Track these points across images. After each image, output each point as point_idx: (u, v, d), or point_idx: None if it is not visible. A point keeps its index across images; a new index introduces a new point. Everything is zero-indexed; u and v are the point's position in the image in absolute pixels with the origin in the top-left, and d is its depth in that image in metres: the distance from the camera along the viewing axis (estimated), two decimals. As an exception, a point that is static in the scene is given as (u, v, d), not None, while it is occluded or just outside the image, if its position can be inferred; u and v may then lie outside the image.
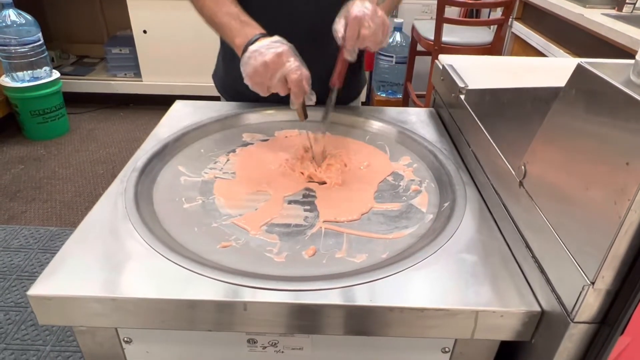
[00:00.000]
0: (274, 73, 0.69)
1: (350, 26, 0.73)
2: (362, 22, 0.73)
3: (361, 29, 0.73)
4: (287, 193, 0.71)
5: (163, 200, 0.68)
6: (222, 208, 0.67)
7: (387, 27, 0.77)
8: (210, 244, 0.59)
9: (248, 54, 0.71)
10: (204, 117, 0.90)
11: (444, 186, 0.72)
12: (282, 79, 0.70)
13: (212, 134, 0.87)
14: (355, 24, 0.73)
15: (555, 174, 0.50)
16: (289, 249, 0.59)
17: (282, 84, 0.71)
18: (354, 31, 0.73)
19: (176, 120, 0.89)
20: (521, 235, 0.56)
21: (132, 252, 0.56)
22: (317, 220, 0.65)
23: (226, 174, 0.75)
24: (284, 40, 0.72)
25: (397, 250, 0.59)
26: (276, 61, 0.69)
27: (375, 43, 0.76)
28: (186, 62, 2.76)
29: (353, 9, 0.73)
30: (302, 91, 0.71)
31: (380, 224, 0.65)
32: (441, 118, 0.95)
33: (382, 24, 0.75)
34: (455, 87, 0.86)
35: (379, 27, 0.75)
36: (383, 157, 0.82)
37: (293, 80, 0.69)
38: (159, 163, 0.76)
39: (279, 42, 0.71)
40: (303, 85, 0.71)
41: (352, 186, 0.73)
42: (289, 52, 0.70)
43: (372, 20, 0.73)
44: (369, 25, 0.73)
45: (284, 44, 0.71)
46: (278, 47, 0.70)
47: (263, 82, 0.71)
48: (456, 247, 0.58)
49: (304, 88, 0.71)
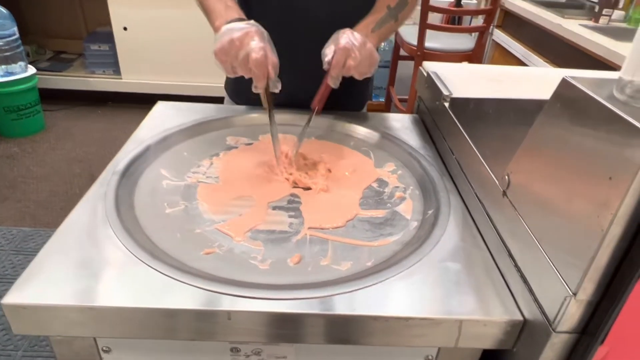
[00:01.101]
0: (237, 51, 0.68)
1: (337, 55, 0.73)
2: (349, 52, 0.73)
3: (347, 59, 0.74)
4: (271, 199, 0.70)
5: (145, 204, 0.66)
6: (206, 213, 0.66)
7: (375, 59, 0.78)
8: (193, 250, 0.58)
9: (220, 33, 0.70)
10: (187, 119, 0.89)
11: (428, 193, 0.73)
12: (245, 58, 0.69)
13: (195, 137, 0.86)
14: (342, 54, 0.73)
15: (539, 185, 0.51)
16: (273, 256, 0.58)
17: (245, 64, 0.69)
18: (341, 60, 0.74)
19: (158, 121, 0.87)
20: (504, 245, 0.56)
21: (111, 258, 0.54)
22: (302, 226, 0.64)
23: (210, 179, 0.74)
24: (258, 25, 0.72)
25: (382, 258, 0.59)
26: (241, 39, 0.68)
27: (361, 74, 0.77)
28: (167, 61, 2.72)
29: (342, 38, 0.74)
30: (264, 74, 0.69)
31: (365, 231, 0.64)
32: (425, 125, 0.96)
33: (369, 56, 0.75)
34: (439, 94, 0.87)
35: (366, 59, 0.75)
36: (368, 163, 0.82)
37: (253, 60, 0.67)
38: (141, 166, 0.74)
39: (251, 24, 0.71)
40: (265, 68, 0.69)
41: (337, 192, 0.73)
42: (257, 32, 0.70)
43: (359, 52, 0.73)
44: (356, 56, 0.73)
45: (256, 27, 0.71)
46: (247, 28, 0.70)
47: (227, 60, 0.70)
48: (440, 255, 0.59)
49: (265, 71, 0.69)
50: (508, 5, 2.50)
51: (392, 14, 0.85)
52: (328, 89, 0.79)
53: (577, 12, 2.30)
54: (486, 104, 0.80)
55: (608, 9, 2.13)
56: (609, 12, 2.13)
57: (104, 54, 2.81)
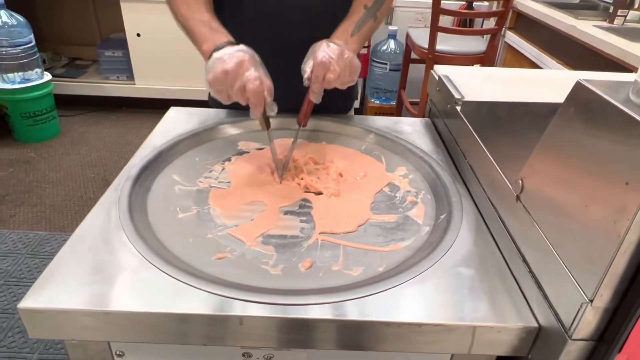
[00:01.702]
0: (233, 82, 0.69)
1: (315, 70, 0.73)
2: (327, 66, 0.72)
3: (326, 74, 0.73)
4: (283, 203, 0.70)
5: (157, 209, 0.67)
6: (218, 218, 0.66)
7: (355, 67, 0.77)
8: (205, 255, 0.59)
9: (211, 61, 0.70)
10: (199, 124, 0.89)
11: (440, 198, 0.72)
12: (241, 88, 0.69)
13: (207, 142, 0.86)
14: (321, 69, 0.73)
15: (554, 190, 0.50)
16: (285, 261, 0.58)
17: (241, 93, 0.70)
18: (320, 76, 0.73)
19: (170, 127, 0.88)
20: (518, 250, 0.56)
21: (125, 263, 0.55)
22: (313, 231, 0.64)
23: (221, 183, 0.74)
24: (248, 49, 0.71)
25: (394, 263, 0.59)
26: (236, 70, 0.68)
27: (343, 84, 0.76)
28: (180, 66, 2.74)
29: (318, 53, 0.73)
30: (260, 102, 0.70)
31: (376, 236, 0.64)
32: (437, 128, 0.95)
33: (348, 65, 0.75)
34: (451, 98, 0.86)
35: (345, 70, 0.74)
36: (379, 168, 0.82)
37: (250, 90, 0.68)
38: (153, 172, 0.75)
39: (242, 51, 0.70)
40: (262, 95, 0.70)
41: (348, 197, 0.73)
42: (250, 61, 0.70)
43: (337, 64, 0.73)
44: (334, 69, 0.73)
45: (247, 53, 0.70)
46: (240, 56, 0.69)
47: (222, 90, 0.71)
48: (453, 261, 0.58)
49: (262, 98, 0.70)
50: (520, 7, 2.48)
51: (370, 13, 0.84)
52: (311, 105, 0.79)
53: (591, 13, 2.27)
54: (499, 108, 0.79)
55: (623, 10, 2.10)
56: (624, 12, 2.10)
57: (117, 60, 2.85)
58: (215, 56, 0.70)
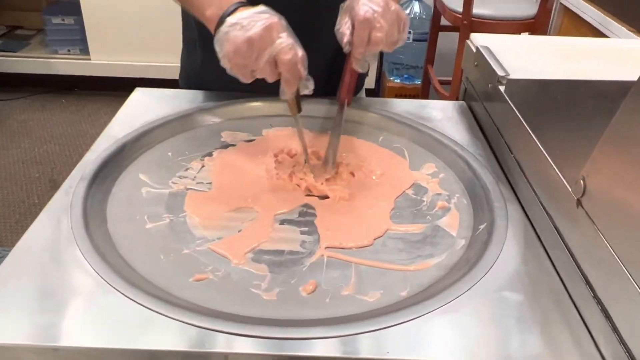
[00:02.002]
0: (260, 52, 0.68)
1: (357, 30, 0.73)
2: (371, 23, 0.72)
3: (372, 32, 0.73)
4: (279, 210, 0.70)
5: (120, 218, 0.67)
6: (196, 229, 0.66)
7: (404, 21, 0.77)
8: (180, 276, 0.59)
9: (225, 28, 0.70)
10: (172, 110, 0.90)
11: (479, 203, 0.73)
12: (270, 60, 0.69)
13: (182, 133, 0.87)
14: (365, 28, 0.73)
15: (624, 191, 0.50)
16: (281, 284, 0.59)
17: (270, 66, 0.70)
18: (364, 36, 0.73)
19: (136, 113, 0.89)
20: (579, 269, 0.56)
21: (79, 286, 0.55)
22: (318, 246, 0.65)
23: (200, 185, 0.75)
24: (271, 10, 0.71)
25: (421, 286, 0.59)
26: (264, 37, 0.68)
27: (391, 44, 0.76)
28: (148, 37, 2.76)
29: (359, 7, 0.73)
30: (297, 76, 0.70)
31: (398, 252, 0.65)
32: (474, 114, 0.96)
33: (396, 19, 0.75)
34: (492, 75, 0.86)
35: (393, 25, 0.74)
36: (401, 164, 0.82)
37: (285, 62, 0.68)
38: (115, 170, 0.75)
39: (266, 12, 0.70)
40: (298, 68, 0.70)
41: (362, 202, 0.73)
42: (279, 25, 0.69)
43: (384, 19, 0.73)
44: (382, 25, 0.72)
45: (273, 15, 0.70)
46: (266, 19, 0.69)
47: (246, 65, 0.70)
48: (496, 283, 0.58)
49: (298, 72, 0.70)
50: (580, -41, 2.48)
51: None
52: (354, 76, 0.79)
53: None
54: (553, 87, 0.79)
55: None
56: None
57: (68, 29, 2.87)
58: (229, 22, 0.70)
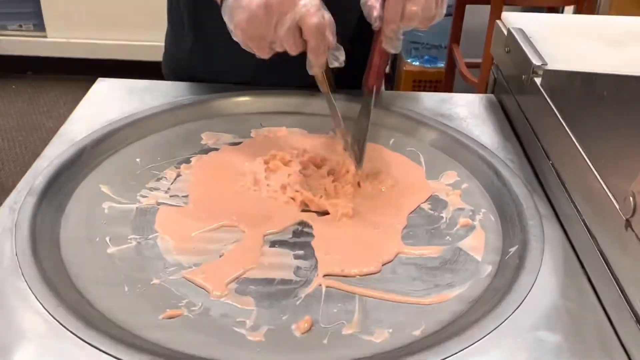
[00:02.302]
0: (281, 18, 0.69)
1: (390, 3, 0.73)
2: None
3: (407, 5, 0.73)
4: (269, 230, 0.71)
5: (76, 241, 0.67)
6: (169, 254, 0.66)
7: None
8: (148, 312, 0.59)
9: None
10: (142, 105, 0.90)
11: (510, 220, 0.72)
12: (293, 26, 0.69)
13: (154, 134, 0.87)
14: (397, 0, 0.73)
15: (683, 213, 0.50)
16: (271, 321, 0.59)
17: (293, 35, 0.70)
18: (397, 9, 0.73)
19: (98, 110, 0.89)
20: (628, 304, 0.56)
21: (24, 328, 0.55)
22: (315, 273, 0.65)
23: (175, 198, 0.75)
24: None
25: (438, 323, 0.59)
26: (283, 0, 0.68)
27: (427, 20, 0.77)
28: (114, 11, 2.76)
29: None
30: (325, 44, 0.71)
31: (411, 280, 0.64)
32: (505, 111, 0.96)
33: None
34: (527, 65, 0.86)
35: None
36: (416, 173, 0.82)
37: (312, 27, 0.69)
38: (71, 181, 0.75)
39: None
40: (326, 35, 0.70)
41: (368, 218, 0.73)
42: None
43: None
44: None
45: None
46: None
47: (263, 35, 0.71)
48: (530, 320, 0.58)
49: (327, 40, 0.71)
50: None
51: None
52: (385, 57, 0.79)
53: None
54: (601, 82, 0.78)
55: None
56: None
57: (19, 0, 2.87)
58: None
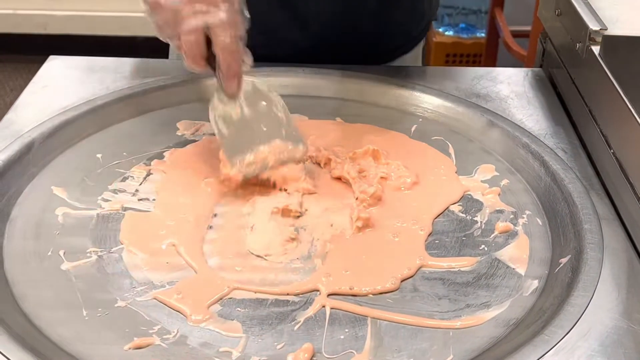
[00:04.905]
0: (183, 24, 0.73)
1: None
2: None
3: None
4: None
5: (22, 255, 0.68)
6: (137, 270, 0.67)
7: None
8: (112, 341, 0.59)
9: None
10: (103, 86, 0.91)
11: (561, 224, 0.72)
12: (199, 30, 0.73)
13: (118, 124, 0.88)
14: None
15: None
16: (263, 350, 0.59)
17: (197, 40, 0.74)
18: None
19: (50, 92, 0.90)
20: None
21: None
22: (318, 292, 0.65)
23: (145, 202, 0.75)
24: None
25: (471, 352, 0.59)
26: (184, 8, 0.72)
27: None
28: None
29: None
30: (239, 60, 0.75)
31: (437, 300, 0.65)
32: (556, 88, 0.96)
33: None
34: (582, 29, 0.86)
35: None
36: (444, 167, 0.82)
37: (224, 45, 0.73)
38: (16, 181, 0.76)
39: None
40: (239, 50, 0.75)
41: (384, 224, 0.73)
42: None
43: None
44: None
45: None
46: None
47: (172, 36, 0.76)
48: (586, 345, 0.58)
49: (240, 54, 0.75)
50: None
51: None
52: None
53: None
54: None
55: None
56: None
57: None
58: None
